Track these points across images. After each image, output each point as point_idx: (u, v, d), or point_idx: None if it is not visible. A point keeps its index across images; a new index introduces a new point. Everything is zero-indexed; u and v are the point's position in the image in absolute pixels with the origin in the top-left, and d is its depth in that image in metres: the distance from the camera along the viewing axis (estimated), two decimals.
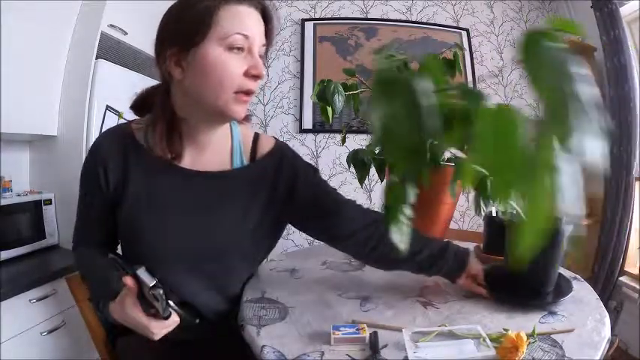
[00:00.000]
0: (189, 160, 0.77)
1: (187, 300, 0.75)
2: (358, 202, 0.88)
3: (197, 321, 0.71)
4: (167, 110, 0.72)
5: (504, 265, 0.85)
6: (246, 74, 0.66)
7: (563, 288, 0.81)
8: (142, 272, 0.62)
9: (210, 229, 0.77)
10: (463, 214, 2.41)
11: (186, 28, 0.65)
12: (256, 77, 0.67)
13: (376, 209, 0.88)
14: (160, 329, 0.64)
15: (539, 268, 0.78)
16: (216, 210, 0.77)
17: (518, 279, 0.79)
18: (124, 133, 0.76)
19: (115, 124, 0.89)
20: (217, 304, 0.81)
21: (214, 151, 0.79)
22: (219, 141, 0.80)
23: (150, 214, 0.74)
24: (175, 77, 0.68)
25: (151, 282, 0.61)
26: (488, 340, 0.61)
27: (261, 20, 0.70)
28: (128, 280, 0.62)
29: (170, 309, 0.65)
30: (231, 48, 0.65)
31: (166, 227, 0.74)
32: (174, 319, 0.65)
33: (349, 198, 0.86)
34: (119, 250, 0.86)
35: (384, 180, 1.07)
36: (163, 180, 0.75)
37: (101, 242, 0.82)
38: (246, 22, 0.66)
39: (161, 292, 0.62)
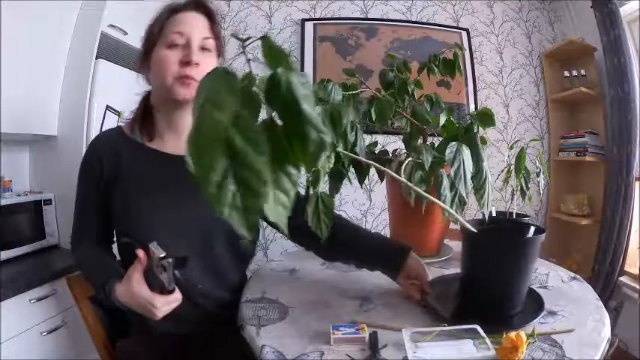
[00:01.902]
0: (171, 146, 0.87)
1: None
2: (358, 202, 0.89)
3: (200, 287, 0.77)
4: (143, 102, 0.89)
5: (462, 278, 0.79)
6: (181, 62, 0.80)
7: (529, 308, 0.72)
8: (153, 245, 0.68)
9: (193, 208, 0.80)
10: (463, 215, 2.41)
11: (145, 42, 0.85)
12: (187, 63, 0.80)
13: (376, 209, 0.89)
14: (163, 305, 0.69)
15: (502, 286, 0.70)
16: (192, 187, 0.79)
17: (477, 297, 0.73)
18: (115, 131, 0.91)
19: (115, 124, 0.93)
20: (212, 287, 0.86)
21: None
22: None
23: (139, 196, 0.82)
24: (147, 77, 0.87)
25: (161, 253, 0.66)
26: (488, 340, 0.61)
27: (205, 19, 0.85)
28: (140, 252, 0.70)
29: (174, 284, 0.69)
30: (169, 46, 0.81)
31: (154, 207, 0.82)
32: (177, 296, 0.71)
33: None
34: (114, 248, 0.92)
35: (383, 180, 1.07)
36: (149, 165, 0.85)
37: (98, 238, 0.89)
38: (184, 23, 0.82)
39: (170, 260, 0.66)
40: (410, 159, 0.81)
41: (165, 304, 0.69)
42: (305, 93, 0.35)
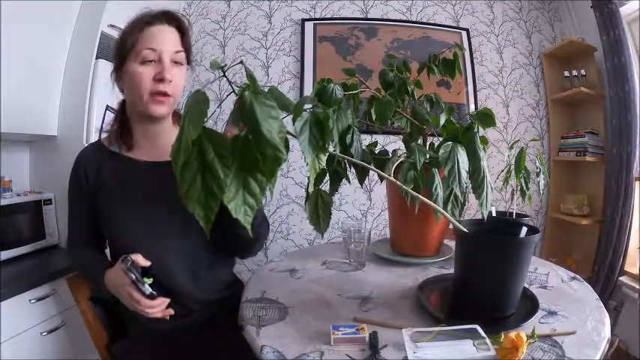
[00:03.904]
0: (145, 154, 0.91)
1: (163, 276, 0.81)
2: (358, 202, 0.90)
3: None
4: (119, 113, 0.94)
5: (455, 278, 0.78)
6: (154, 79, 0.82)
7: (524, 308, 0.72)
8: (126, 263, 0.74)
9: (170, 210, 0.84)
10: (463, 215, 2.41)
11: (117, 54, 0.86)
12: (161, 80, 0.82)
13: (376, 209, 0.89)
14: (147, 306, 0.74)
15: (493, 287, 0.70)
16: (166, 192, 0.84)
17: (469, 298, 0.73)
18: (97, 145, 0.96)
19: None
20: (192, 286, 0.88)
21: (165, 143, 0.92)
22: (167, 135, 0.93)
23: (119, 204, 0.87)
24: (121, 89, 0.91)
25: (125, 258, 0.74)
26: (488, 340, 0.61)
27: (176, 32, 0.86)
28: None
29: (150, 290, 0.74)
30: (143, 62, 0.82)
31: (133, 212, 0.86)
32: (159, 302, 0.75)
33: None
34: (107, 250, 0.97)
35: (383, 180, 1.07)
36: (127, 174, 0.89)
37: (91, 242, 0.95)
38: (156, 38, 0.83)
39: (129, 263, 0.73)
40: (403, 159, 0.81)
41: (149, 307, 0.74)
42: (267, 113, 0.42)
